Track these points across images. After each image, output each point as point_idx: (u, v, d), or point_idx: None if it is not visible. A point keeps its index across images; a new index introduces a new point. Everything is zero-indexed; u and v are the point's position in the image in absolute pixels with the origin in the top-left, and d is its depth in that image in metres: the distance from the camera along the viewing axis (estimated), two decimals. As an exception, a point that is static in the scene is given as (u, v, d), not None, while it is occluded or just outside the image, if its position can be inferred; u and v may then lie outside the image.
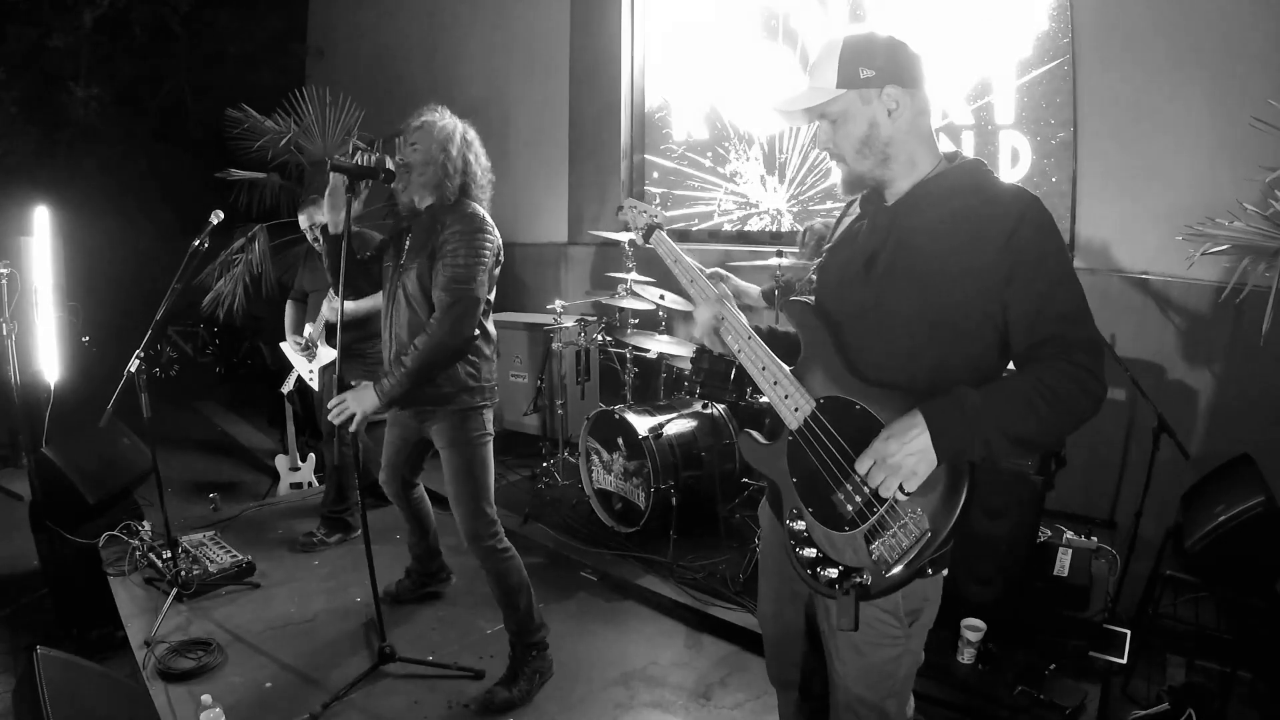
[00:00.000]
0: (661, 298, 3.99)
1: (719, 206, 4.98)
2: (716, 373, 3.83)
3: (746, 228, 4.93)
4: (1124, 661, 2.45)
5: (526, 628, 2.57)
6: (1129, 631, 2.53)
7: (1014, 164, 3.77)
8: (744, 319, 1.55)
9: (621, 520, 3.65)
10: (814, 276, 1.61)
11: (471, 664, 2.70)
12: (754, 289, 3.72)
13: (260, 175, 5.44)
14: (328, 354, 3.53)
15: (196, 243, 3.06)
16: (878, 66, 1.40)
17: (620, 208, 1.88)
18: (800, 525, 1.44)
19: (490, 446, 2.55)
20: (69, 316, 5.04)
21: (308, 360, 3.69)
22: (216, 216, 3.12)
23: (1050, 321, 1.30)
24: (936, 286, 1.36)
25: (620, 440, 3.58)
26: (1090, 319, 1.32)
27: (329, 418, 2.39)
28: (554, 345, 4.44)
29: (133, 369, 2.92)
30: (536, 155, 5.68)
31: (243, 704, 2.48)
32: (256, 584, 3.27)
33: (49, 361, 4.66)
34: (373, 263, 2.64)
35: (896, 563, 1.30)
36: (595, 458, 3.75)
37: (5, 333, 4.23)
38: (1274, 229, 2.54)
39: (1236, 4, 3.03)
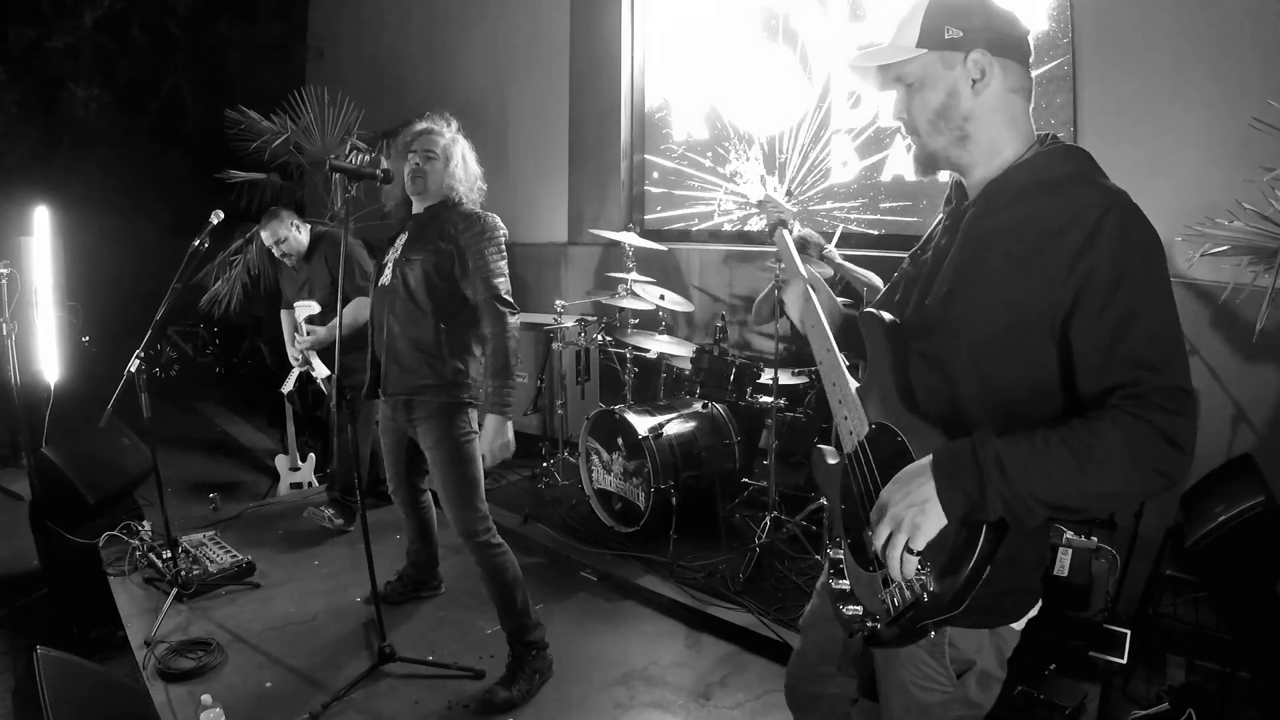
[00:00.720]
0: (661, 298, 3.99)
1: (719, 206, 4.98)
2: (716, 372, 3.84)
3: (746, 228, 4.93)
4: (1124, 661, 2.45)
5: (523, 625, 2.57)
6: (1129, 631, 2.52)
7: (1014, 164, 3.77)
8: (829, 332, 1.42)
9: (621, 520, 3.65)
10: (891, 284, 1.47)
11: (471, 664, 2.70)
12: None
13: (260, 176, 5.44)
14: (321, 368, 3.59)
15: (196, 243, 3.06)
16: (967, 27, 1.19)
17: (761, 202, 1.82)
18: (839, 554, 1.35)
19: (477, 443, 2.56)
20: (69, 316, 5.04)
21: (311, 371, 3.70)
22: (216, 216, 3.12)
23: (1121, 365, 1.06)
24: (997, 308, 1.16)
25: (620, 440, 3.58)
26: (1179, 364, 1.07)
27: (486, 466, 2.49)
28: (554, 345, 4.45)
29: (133, 369, 2.92)
30: (536, 155, 5.69)
31: (243, 704, 2.48)
32: (256, 584, 3.27)
33: (49, 361, 4.66)
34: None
35: (893, 618, 1.16)
36: (595, 458, 3.75)
37: (5, 333, 4.23)
38: (1274, 229, 2.54)
39: (1236, 4, 3.03)
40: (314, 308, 3.55)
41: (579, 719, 2.51)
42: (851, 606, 1.28)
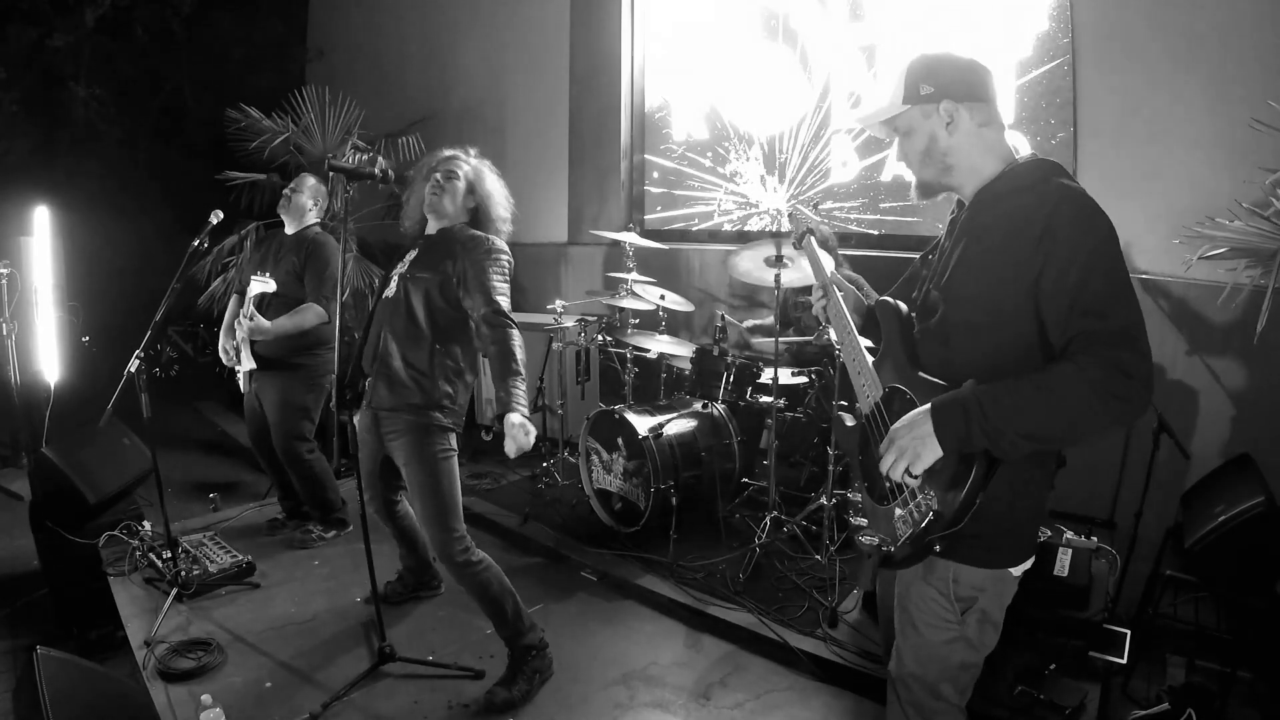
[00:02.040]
0: (662, 298, 3.99)
1: (719, 206, 4.98)
2: (715, 372, 3.84)
3: (746, 228, 4.93)
4: (1124, 661, 2.45)
5: (518, 631, 2.57)
6: (1129, 631, 2.53)
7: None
8: (849, 317, 1.69)
9: (621, 520, 3.65)
10: (906, 277, 1.78)
11: (471, 664, 2.70)
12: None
13: (260, 176, 5.44)
14: (248, 361, 3.45)
15: (196, 243, 3.07)
16: (937, 83, 1.50)
17: (791, 215, 2.00)
18: (858, 497, 1.63)
19: (454, 462, 2.55)
20: (69, 316, 5.04)
21: (236, 365, 3.55)
22: (216, 216, 3.12)
23: (1079, 317, 1.32)
24: (986, 288, 1.44)
25: (620, 440, 3.58)
26: (1125, 312, 1.32)
27: (511, 454, 2.28)
28: (554, 345, 4.45)
29: (133, 369, 2.92)
30: (536, 155, 5.69)
31: (243, 704, 2.48)
32: (256, 584, 3.27)
33: (49, 361, 4.67)
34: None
35: (906, 536, 1.42)
36: (595, 457, 3.75)
37: (5, 333, 4.24)
38: (1273, 230, 2.54)
39: (1236, 5, 3.03)
40: (270, 285, 3.37)
41: (579, 719, 2.51)
42: (868, 535, 1.55)
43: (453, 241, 2.52)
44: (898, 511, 1.46)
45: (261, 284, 3.35)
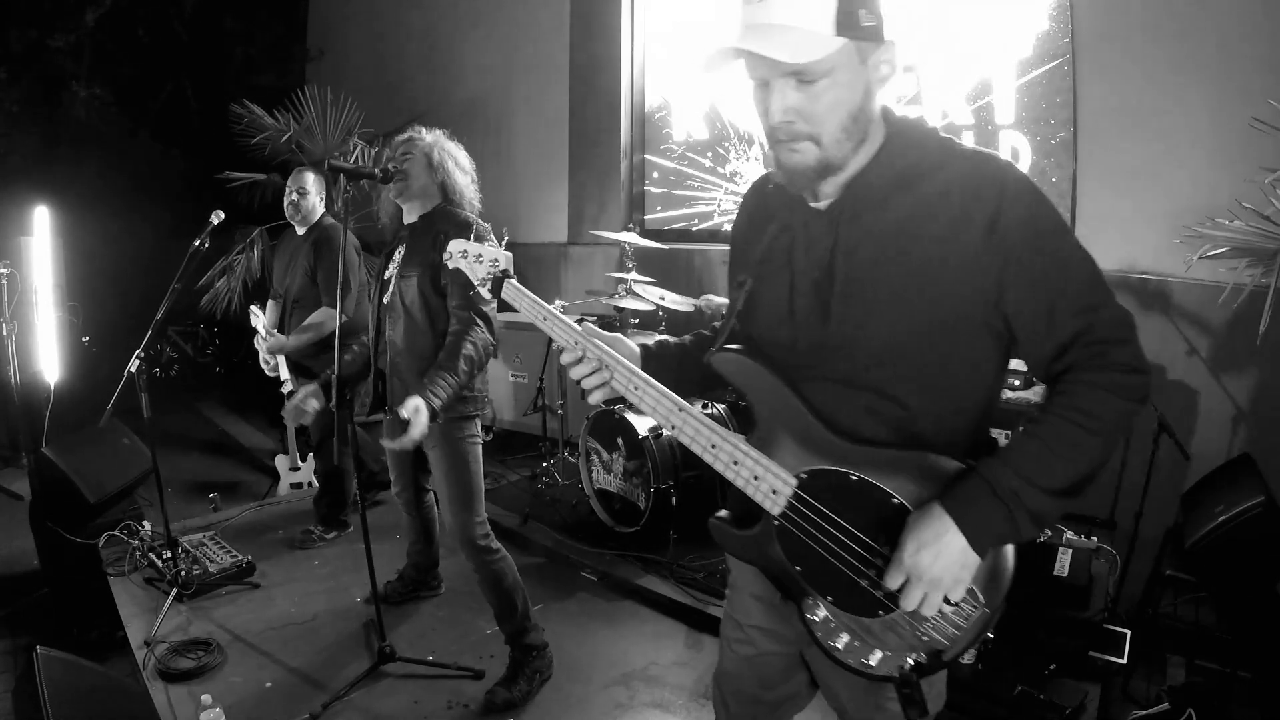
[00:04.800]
0: (661, 298, 3.99)
1: (719, 206, 4.98)
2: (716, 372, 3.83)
3: (746, 228, 4.93)
4: (1124, 661, 2.45)
5: (523, 628, 2.57)
6: (1129, 631, 2.53)
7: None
8: (665, 390, 1.27)
9: (621, 520, 3.65)
10: (739, 310, 1.28)
11: (471, 664, 2.70)
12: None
13: (261, 176, 5.44)
14: (285, 372, 3.43)
15: (197, 243, 3.07)
16: (878, 12, 1.07)
17: (449, 254, 1.54)
18: (820, 615, 1.20)
19: (479, 450, 2.55)
20: (69, 316, 5.05)
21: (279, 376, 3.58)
22: (217, 217, 3.12)
23: (1071, 317, 1.07)
24: (916, 305, 1.10)
25: (620, 440, 3.58)
26: (1110, 293, 1.10)
27: (392, 445, 2.29)
28: (554, 345, 4.44)
29: (133, 369, 2.92)
30: (536, 155, 5.68)
31: (243, 704, 2.49)
32: (256, 584, 3.27)
33: (49, 361, 4.67)
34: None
35: (955, 643, 1.13)
36: (595, 458, 3.75)
37: (5, 333, 4.23)
38: (1273, 229, 2.54)
39: (1237, 5, 3.03)
40: (261, 319, 3.42)
41: (579, 719, 2.51)
42: (874, 655, 1.17)
43: (435, 228, 2.46)
44: (918, 618, 1.13)
45: (255, 316, 3.40)
